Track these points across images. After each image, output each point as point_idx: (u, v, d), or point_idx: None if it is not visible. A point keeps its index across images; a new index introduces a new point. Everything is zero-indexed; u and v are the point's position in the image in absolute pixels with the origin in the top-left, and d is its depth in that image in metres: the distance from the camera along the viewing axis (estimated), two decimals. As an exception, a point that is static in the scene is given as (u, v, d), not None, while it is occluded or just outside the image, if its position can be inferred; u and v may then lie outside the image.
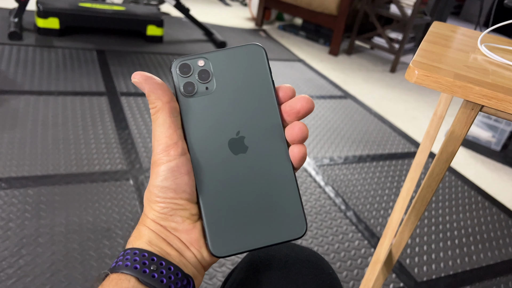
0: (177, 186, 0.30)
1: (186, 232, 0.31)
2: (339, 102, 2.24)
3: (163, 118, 0.30)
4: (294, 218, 0.32)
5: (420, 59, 0.52)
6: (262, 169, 0.32)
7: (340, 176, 1.56)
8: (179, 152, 0.30)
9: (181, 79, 0.32)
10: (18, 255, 0.96)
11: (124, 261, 0.29)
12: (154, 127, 0.31)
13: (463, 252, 1.30)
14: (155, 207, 0.31)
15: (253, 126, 0.32)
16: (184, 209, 0.31)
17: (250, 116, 0.32)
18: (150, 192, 0.31)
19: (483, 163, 1.91)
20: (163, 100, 0.30)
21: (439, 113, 0.76)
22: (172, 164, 0.30)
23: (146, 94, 0.31)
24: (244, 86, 0.32)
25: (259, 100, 0.32)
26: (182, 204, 0.31)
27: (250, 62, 0.33)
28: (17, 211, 1.08)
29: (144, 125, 1.60)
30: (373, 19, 2.95)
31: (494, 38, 0.74)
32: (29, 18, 2.36)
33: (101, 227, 1.09)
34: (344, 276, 1.11)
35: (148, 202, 0.31)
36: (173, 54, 2.38)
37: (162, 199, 0.30)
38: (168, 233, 0.31)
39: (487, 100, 0.46)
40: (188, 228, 0.31)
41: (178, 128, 0.31)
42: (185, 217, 0.31)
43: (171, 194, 0.30)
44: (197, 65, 0.32)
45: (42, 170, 1.25)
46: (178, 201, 0.30)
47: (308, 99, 0.32)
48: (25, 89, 1.68)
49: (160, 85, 0.31)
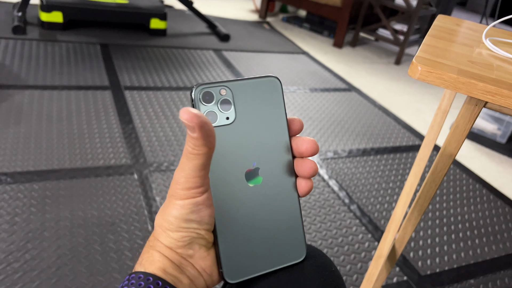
0: (201, 218, 0.31)
1: (201, 259, 0.32)
2: (343, 94, 2.23)
3: (202, 163, 0.29)
4: (296, 244, 0.35)
5: (423, 54, 0.51)
6: (272, 200, 0.34)
7: (344, 170, 1.56)
8: (206, 189, 0.31)
9: (203, 107, 0.31)
10: (24, 249, 0.97)
11: (137, 287, 0.29)
12: (189, 165, 0.29)
13: (467, 245, 1.30)
14: (174, 235, 0.31)
15: (267, 158, 0.33)
16: (203, 238, 0.32)
17: (265, 147, 0.33)
18: (168, 221, 0.31)
19: (488, 156, 1.90)
20: (210, 147, 0.29)
21: (443, 108, 0.76)
22: (199, 200, 0.30)
23: (195, 137, 0.28)
24: (261, 118, 0.33)
25: (274, 132, 0.34)
26: (202, 234, 0.31)
27: (268, 94, 0.33)
28: (22, 205, 1.09)
29: (148, 119, 1.61)
30: (377, 11, 2.92)
31: (500, 32, 0.73)
32: (32, 12, 2.36)
33: (106, 221, 1.10)
34: (347, 270, 1.11)
35: (164, 229, 0.31)
36: (176, 47, 2.37)
37: (185, 229, 0.31)
38: (183, 260, 0.31)
39: (491, 96, 0.45)
40: (203, 255, 0.32)
41: (207, 173, 0.31)
42: (202, 245, 0.32)
43: (195, 225, 0.31)
44: (219, 94, 0.32)
45: (47, 164, 1.26)
46: (200, 231, 0.31)
47: (313, 144, 0.34)
48: (29, 84, 1.68)
49: (213, 131, 0.29)
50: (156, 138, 1.50)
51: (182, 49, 2.37)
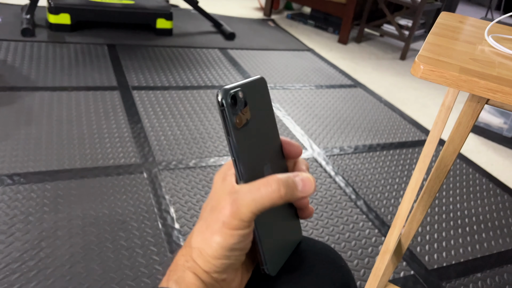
0: (246, 246, 0.31)
1: (230, 280, 0.33)
2: (349, 91, 2.24)
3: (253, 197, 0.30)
4: (297, 227, 0.40)
5: (426, 53, 0.52)
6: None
7: (350, 166, 1.57)
8: (250, 223, 0.30)
9: (233, 111, 0.31)
10: (38, 247, 0.99)
11: None
12: (265, 204, 0.30)
13: (474, 239, 1.31)
14: (214, 262, 0.30)
15: (273, 158, 0.35)
16: (240, 262, 0.32)
17: (270, 145, 0.35)
18: (213, 248, 0.30)
19: (494, 150, 1.90)
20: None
21: (447, 104, 0.77)
22: (248, 231, 0.30)
23: (299, 196, 0.31)
24: (263, 117, 0.35)
25: (273, 132, 0.36)
26: (242, 259, 0.32)
27: (262, 94, 0.35)
28: (36, 205, 1.12)
29: (156, 118, 1.63)
30: (382, 6, 2.92)
31: (503, 28, 0.74)
32: (40, 14, 2.39)
33: (117, 220, 1.12)
34: (355, 265, 1.13)
35: (206, 254, 0.30)
36: (182, 47, 2.39)
37: (227, 257, 0.30)
38: (215, 283, 0.32)
39: (492, 94, 0.47)
40: (232, 277, 0.33)
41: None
42: (236, 269, 0.33)
43: (238, 253, 0.31)
44: (240, 97, 0.32)
45: (58, 165, 1.28)
46: (241, 257, 0.31)
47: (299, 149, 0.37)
48: (39, 85, 1.71)
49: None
50: (165, 137, 1.52)
51: (188, 48, 2.39)
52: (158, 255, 1.04)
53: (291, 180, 0.30)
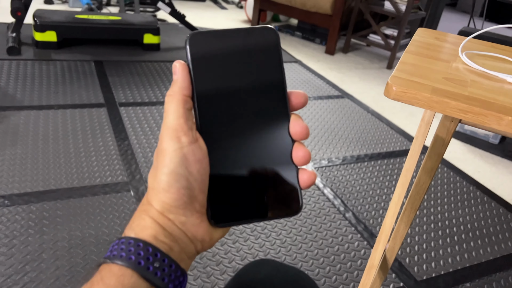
0: (190, 173, 0.29)
1: (193, 226, 0.30)
2: (337, 102, 2.26)
3: (175, 106, 0.30)
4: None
5: (399, 74, 0.53)
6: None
7: (338, 177, 1.57)
8: (190, 140, 0.30)
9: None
10: (22, 272, 0.98)
11: (127, 252, 0.28)
12: (166, 115, 0.30)
13: (463, 248, 1.32)
14: (165, 198, 0.29)
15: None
16: (195, 201, 0.30)
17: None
18: (159, 180, 0.29)
19: (481, 157, 1.92)
20: (183, 91, 0.30)
21: (427, 119, 0.78)
22: (185, 151, 0.29)
23: (174, 80, 0.31)
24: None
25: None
26: (193, 194, 0.30)
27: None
28: (20, 227, 1.10)
29: (144, 135, 1.62)
30: (368, 17, 2.96)
31: (477, 43, 0.75)
32: (26, 32, 2.39)
33: (104, 240, 1.11)
34: (344, 279, 1.13)
35: (156, 192, 0.29)
36: (170, 61, 2.39)
37: (175, 189, 0.29)
38: (175, 228, 0.30)
39: (463, 114, 0.47)
40: (195, 222, 0.31)
41: (189, 120, 0.30)
42: (194, 210, 0.30)
43: (184, 182, 0.29)
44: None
45: (44, 185, 1.27)
46: (190, 191, 0.30)
47: (305, 130, 0.33)
48: (25, 104, 1.70)
49: (187, 76, 0.31)
50: (152, 154, 1.51)
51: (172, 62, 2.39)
52: (145, 275, 1.03)
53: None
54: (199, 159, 0.30)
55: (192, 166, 0.29)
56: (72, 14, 2.36)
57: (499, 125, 0.46)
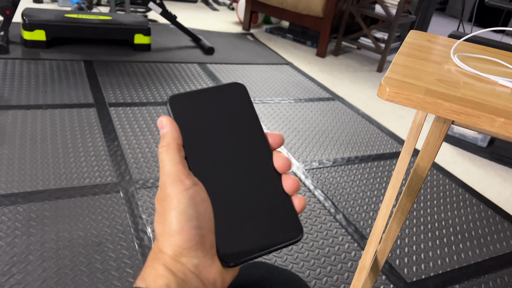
0: (199, 213, 0.30)
1: (205, 268, 0.31)
2: (327, 104, 2.26)
3: (172, 155, 0.31)
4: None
5: (392, 75, 0.53)
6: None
7: (329, 179, 1.58)
8: (193, 182, 0.31)
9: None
10: (8, 274, 0.96)
11: None
12: (163, 164, 0.31)
13: (452, 250, 1.32)
14: (177, 240, 0.30)
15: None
16: (206, 240, 0.31)
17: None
18: (169, 223, 0.30)
19: (470, 160, 1.94)
20: (176, 141, 0.32)
21: (418, 121, 0.78)
22: (191, 192, 0.30)
23: (163, 133, 0.33)
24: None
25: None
26: (204, 234, 0.30)
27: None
28: (7, 229, 1.08)
29: (134, 135, 1.61)
30: (358, 20, 2.97)
31: (469, 46, 0.76)
32: (15, 31, 2.36)
33: (92, 241, 1.09)
34: (334, 280, 1.13)
35: (167, 236, 0.30)
36: (161, 62, 2.38)
37: (187, 230, 0.29)
38: (188, 272, 0.30)
39: (456, 115, 0.47)
40: (207, 263, 0.31)
41: (185, 166, 0.32)
42: (206, 251, 0.31)
43: (195, 222, 0.30)
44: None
45: (32, 186, 1.25)
46: (201, 231, 0.30)
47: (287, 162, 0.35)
48: (12, 104, 1.67)
49: (177, 127, 0.33)
50: (142, 155, 1.50)
51: (167, 63, 2.38)
52: (134, 278, 1.01)
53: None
54: (204, 199, 0.31)
55: (199, 206, 0.30)
56: (61, 13, 2.33)
57: (491, 126, 0.46)
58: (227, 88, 0.37)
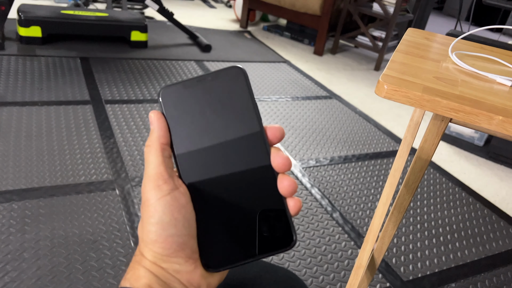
0: (176, 220, 0.29)
1: (187, 273, 0.30)
2: (325, 102, 2.26)
3: (154, 156, 0.30)
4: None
5: (390, 72, 0.53)
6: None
7: (326, 177, 1.57)
8: (171, 187, 0.30)
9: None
10: (3, 271, 0.95)
11: None
12: (147, 165, 0.30)
13: (448, 249, 1.33)
14: (154, 248, 0.29)
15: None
16: (186, 247, 0.30)
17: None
18: (147, 231, 0.29)
19: (467, 158, 1.94)
20: (160, 140, 0.31)
21: (415, 119, 0.78)
22: (168, 199, 0.29)
23: (151, 130, 0.31)
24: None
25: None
26: (183, 241, 0.30)
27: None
28: (1, 226, 1.07)
29: (130, 132, 1.60)
30: (356, 18, 2.97)
31: (467, 44, 0.75)
32: (10, 27, 2.34)
33: (87, 239, 1.09)
34: (331, 279, 1.12)
35: (146, 243, 0.30)
36: (157, 59, 2.37)
37: (163, 239, 0.29)
38: (169, 276, 0.30)
39: (454, 113, 0.47)
40: (189, 269, 0.30)
41: (168, 167, 0.30)
42: (187, 257, 0.30)
43: (172, 230, 0.29)
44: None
45: (27, 183, 1.24)
46: (180, 238, 0.29)
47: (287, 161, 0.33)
48: (7, 100, 1.66)
49: (164, 124, 0.32)
50: (138, 152, 1.49)
51: (164, 60, 2.37)
52: (130, 276, 1.01)
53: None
54: (183, 205, 0.30)
55: (177, 213, 0.29)
56: (58, 9, 2.32)
57: (489, 124, 0.46)
58: (224, 74, 0.34)
